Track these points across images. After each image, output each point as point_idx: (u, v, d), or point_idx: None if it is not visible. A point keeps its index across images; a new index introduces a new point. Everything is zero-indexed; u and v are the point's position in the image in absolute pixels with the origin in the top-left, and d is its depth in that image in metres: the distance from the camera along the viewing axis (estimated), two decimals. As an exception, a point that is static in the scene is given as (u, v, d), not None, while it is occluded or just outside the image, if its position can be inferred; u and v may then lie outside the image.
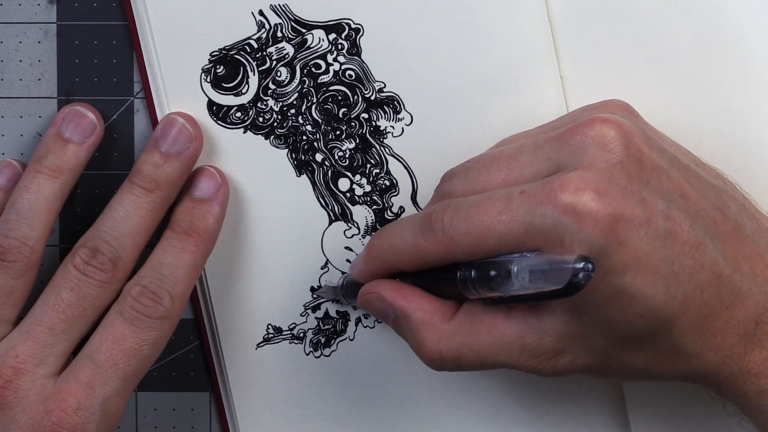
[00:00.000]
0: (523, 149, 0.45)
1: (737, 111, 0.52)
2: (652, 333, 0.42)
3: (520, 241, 0.42)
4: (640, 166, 0.42)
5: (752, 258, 0.44)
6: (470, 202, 0.44)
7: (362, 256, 0.48)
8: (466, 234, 0.43)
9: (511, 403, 0.54)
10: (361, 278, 0.49)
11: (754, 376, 0.44)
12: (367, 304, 0.48)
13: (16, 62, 0.53)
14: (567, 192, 0.41)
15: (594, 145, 0.42)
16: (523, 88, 0.52)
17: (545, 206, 0.41)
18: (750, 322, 0.43)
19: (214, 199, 0.50)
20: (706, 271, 0.42)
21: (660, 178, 0.43)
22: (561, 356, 0.44)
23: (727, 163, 0.49)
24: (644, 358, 0.44)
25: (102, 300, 0.48)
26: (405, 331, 0.46)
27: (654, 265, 0.41)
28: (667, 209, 0.42)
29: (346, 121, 0.52)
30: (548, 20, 0.52)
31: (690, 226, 0.42)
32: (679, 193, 0.43)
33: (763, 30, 0.52)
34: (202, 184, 0.51)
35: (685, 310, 0.42)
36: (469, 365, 0.45)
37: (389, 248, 0.46)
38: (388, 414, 0.54)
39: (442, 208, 0.44)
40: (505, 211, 0.42)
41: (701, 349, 0.43)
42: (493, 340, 0.44)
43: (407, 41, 0.52)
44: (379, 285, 0.47)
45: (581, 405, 0.54)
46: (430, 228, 0.44)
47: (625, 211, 0.41)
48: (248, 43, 0.52)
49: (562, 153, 0.43)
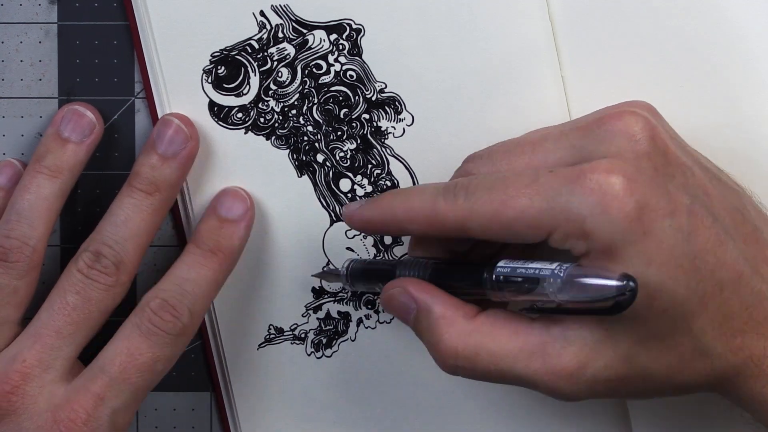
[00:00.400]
0: (548, 136, 0.45)
1: (739, 110, 0.52)
2: (673, 330, 0.42)
3: (539, 217, 0.41)
4: (666, 160, 0.42)
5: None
6: (497, 176, 0.43)
7: (368, 202, 0.47)
8: (487, 202, 0.42)
9: (512, 403, 0.54)
10: (355, 222, 0.47)
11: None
12: (390, 299, 0.46)
13: (17, 62, 0.53)
14: (597, 172, 0.41)
15: (621, 135, 0.42)
16: (524, 88, 0.52)
17: (573, 185, 0.41)
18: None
19: (241, 221, 0.51)
20: (727, 269, 0.42)
21: (685, 174, 0.43)
22: (583, 371, 0.42)
23: (730, 162, 0.49)
24: (667, 362, 0.43)
25: (107, 303, 0.48)
26: (424, 327, 0.45)
27: (677, 258, 0.41)
28: (691, 204, 0.42)
29: (348, 121, 0.52)
30: (549, 20, 0.52)
31: (712, 223, 0.42)
32: (702, 190, 0.43)
33: (763, 30, 0.52)
34: (230, 204, 0.51)
35: (705, 307, 0.42)
36: (483, 369, 0.44)
37: (403, 203, 0.45)
38: (390, 415, 0.54)
39: (468, 179, 0.44)
40: (532, 185, 0.42)
41: (723, 349, 0.43)
42: (512, 345, 0.43)
43: (408, 42, 0.52)
44: (404, 280, 0.46)
45: (582, 405, 0.54)
46: (453, 192, 0.43)
47: (651, 200, 0.41)
48: (249, 44, 0.52)
49: (588, 141, 0.43)
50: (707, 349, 0.42)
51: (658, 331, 0.42)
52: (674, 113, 0.51)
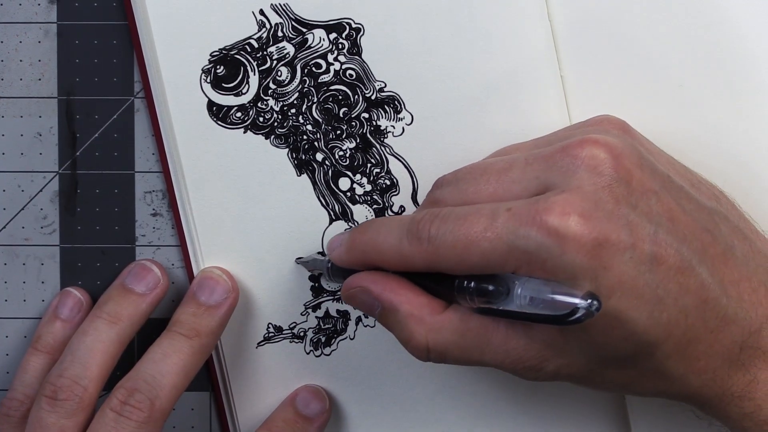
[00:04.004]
0: (513, 164, 0.45)
1: (739, 111, 0.52)
2: (635, 355, 0.42)
3: (502, 259, 0.42)
4: (629, 189, 0.42)
5: (740, 282, 0.43)
6: (457, 214, 0.44)
7: (345, 245, 0.48)
8: (450, 247, 0.43)
9: (511, 403, 0.54)
10: (341, 265, 0.48)
11: (737, 398, 0.44)
12: (350, 298, 0.48)
13: (16, 62, 0.53)
14: (552, 215, 0.41)
15: (583, 167, 0.42)
16: (524, 88, 0.52)
17: (530, 227, 0.41)
18: (735, 346, 0.43)
19: (221, 306, 0.51)
20: (691, 295, 0.42)
21: (649, 202, 0.42)
22: (544, 365, 0.44)
23: (729, 162, 0.49)
24: (627, 376, 0.44)
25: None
26: (392, 323, 0.46)
27: (638, 289, 0.41)
28: (654, 233, 0.42)
29: (347, 120, 0.52)
30: (548, 20, 0.52)
31: (676, 250, 0.42)
32: (668, 216, 0.42)
33: (764, 31, 0.52)
34: (211, 289, 0.51)
35: (669, 334, 0.42)
36: (454, 360, 0.45)
37: (373, 246, 0.46)
38: (389, 413, 0.54)
39: (430, 217, 0.44)
40: (491, 227, 0.42)
41: (684, 371, 0.43)
42: (479, 340, 0.44)
43: (408, 41, 0.52)
44: (365, 277, 0.47)
45: (581, 404, 0.54)
46: (416, 235, 0.44)
47: (610, 235, 0.41)
48: (249, 43, 0.52)
49: (550, 173, 0.43)
50: (668, 371, 0.43)
51: (617, 355, 0.43)
52: (674, 114, 0.51)
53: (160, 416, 0.48)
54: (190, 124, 0.52)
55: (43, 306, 0.54)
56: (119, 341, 0.50)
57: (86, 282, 0.54)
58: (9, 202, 0.54)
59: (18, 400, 0.51)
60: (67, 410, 0.48)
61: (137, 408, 0.47)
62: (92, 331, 0.50)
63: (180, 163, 0.52)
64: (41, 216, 0.54)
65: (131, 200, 0.54)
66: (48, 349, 0.52)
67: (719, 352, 0.43)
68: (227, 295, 0.51)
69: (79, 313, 0.53)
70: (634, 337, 0.42)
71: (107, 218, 0.54)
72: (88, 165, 0.52)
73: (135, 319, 0.51)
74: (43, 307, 0.54)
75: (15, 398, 0.51)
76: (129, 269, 0.52)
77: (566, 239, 0.40)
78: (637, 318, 0.41)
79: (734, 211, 0.46)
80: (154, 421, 0.48)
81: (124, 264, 0.53)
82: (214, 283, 0.51)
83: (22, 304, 0.54)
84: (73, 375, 0.49)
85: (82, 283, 0.54)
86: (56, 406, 0.48)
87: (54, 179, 0.54)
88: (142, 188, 0.54)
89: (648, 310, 0.41)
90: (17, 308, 0.54)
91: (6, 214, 0.54)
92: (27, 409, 0.51)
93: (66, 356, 0.49)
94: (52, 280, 0.54)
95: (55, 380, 0.49)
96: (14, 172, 0.54)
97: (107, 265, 0.54)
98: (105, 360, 0.49)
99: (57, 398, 0.48)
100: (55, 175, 0.54)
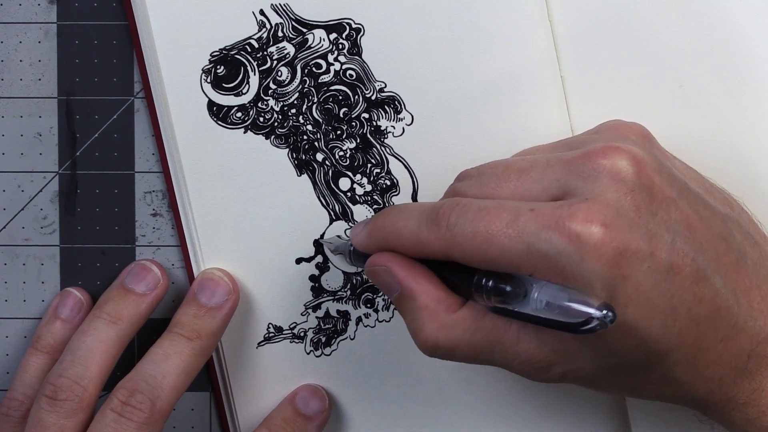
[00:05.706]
0: (535, 165, 0.45)
1: (740, 113, 0.52)
2: (646, 363, 0.43)
3: (519, 259, 0.42)
4: (650, 197, 0.42)
5: (750, 290, 0.44)
6: (479, 206, 0.43)
7: (366, 230, 0.48)
8: (469, 237, 0.43)
9: (512, 402, 0.54)
10: (362, 249, 0.48)
11: (741, 405, 0.44)
12: (373, 275, 0.47)
13: (16, 62, 0.53)
14: (575, 221, 0.41)
15: (606, 174, 0.42)
16: (524, 88, 0.52)
17: (552, 231, 0.41)
18: (743, 354, 0.43)
19: (222, 308, 0.51)
20: (704, 305, 0.42)
21: (668, 210, 0.42)
22: (553, 368, 0.44)
23: (728, 164, 0.49)
24: (634, 382, 0.44)
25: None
26: (406, 310, 0.46)
27: (654, 299, 0.41)
28: (672, 242, 0.42)
29: (347, 120, 0.52)
30: (549, 21, 0.52)
31: (693, 259, 0.42)
32: (685, 224, 0.43)
33: (764, 31, 0.52)
34: (211, 290, 0.52)
35: (680, 342, 0.42)
36: (462, 358, 0.45)
37: (392, 231, 0.46)
38: (389, 413, 0.54)
39: (451, 205, 0.44)
40: (512, 225, 0.42)
41: (692, 378, 0.43)
42: (490, 340, 0.44)
43: (408, 41, 0.52)
44: (391, 258, 0.46)
45: (581, 405, 0.54)
46: (435, 222, 0.44)
47: (630, 244, 0.41)
48: (249, 43, 0.52)
49: (571, 177, 0.43)
50: (676, 378, 0.43)
51: (627, 362, 0.43)
52: (674, 116, 0.51)
53: (160, 417, 0.48)
54: (191, 124, 0.52)
55: (43, 306, 0.54)
56: (119, 341, 0.50)
57: (86, 282, 0.54)
58: (9, 202, 0.54)
59: (18, 399, 0.51)
60: (66, 410, 0.48)
61: (138, 408, 0.47)
62: (92, 331, 0.50)
63: (180, 163, 0.52)
64: (41, 216, 0.54)
65: (131, 200, 0.54)
66: (48, 349, 0.52)
67: (727, 360, 0.43)
68: (228, 296, 0.51)
69: (79, 313, 0.53)
70: (646, 346, 0.42)
71: (107, 218, 0.54)
72: (88, 165, 0.52)
73: (135, 320, 0.51)
74: (43, 308, 0.54)
75: (15, 398, 0.51)
76: (129, 269, 0.52)
77: (587, 247, 0.40)
78: (650, 327, 0.41)
79: (745, 216, 0.47)
80: (155, 421, 0.48)
81: (124, 264, 0.53)
82: (214, 285, 0.51)
83: (22, 305, 0.54)
84: (73, 375, 0.49)
85: (82, 283, 0.54)
86: (56, 406, 0.48)
87: (54, 179, 0.54)
88: (142, 188, 0.54)
89: (662, 320, 0.41)
90: (17, 308, 0.54)
91: (6, 215, 0.54)
92: (27, 408, 0.51)
93: (66, 356, 0.49)
94: (52, 280, 0.54)
95: (55, 380, 0.49)
96: (14, 172, 0.54)
97: (107, 265, 0.54)
98: (105, 360, 0.49)
99: (57, 398, 0.48)
100: (55, 175, 0.54)
